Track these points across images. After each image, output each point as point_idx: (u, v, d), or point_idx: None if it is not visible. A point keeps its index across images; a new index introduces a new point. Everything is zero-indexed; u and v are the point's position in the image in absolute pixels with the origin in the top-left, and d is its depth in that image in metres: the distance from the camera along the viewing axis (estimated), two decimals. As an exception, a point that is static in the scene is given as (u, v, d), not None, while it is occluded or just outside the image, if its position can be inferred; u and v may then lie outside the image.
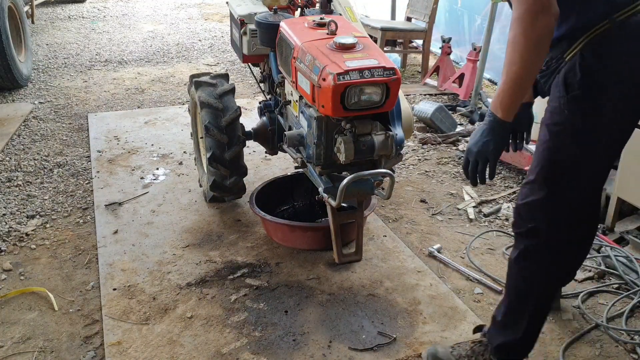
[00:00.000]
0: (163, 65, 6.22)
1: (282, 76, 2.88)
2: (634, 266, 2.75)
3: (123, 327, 2.42)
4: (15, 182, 3.68)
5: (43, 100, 5.15)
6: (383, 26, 5.77)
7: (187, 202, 3.45)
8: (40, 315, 2.52)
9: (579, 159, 1.75)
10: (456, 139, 4.41)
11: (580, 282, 2.75)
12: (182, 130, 4.45)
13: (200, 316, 2.49)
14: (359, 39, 2.46)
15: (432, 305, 2.57)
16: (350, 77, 2.24)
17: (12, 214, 3.31)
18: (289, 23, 2.71)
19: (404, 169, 3.96)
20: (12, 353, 2.31)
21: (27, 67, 5.60)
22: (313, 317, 2.49)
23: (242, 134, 3.13)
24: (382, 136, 2.42)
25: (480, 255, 2.97)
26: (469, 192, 3.61)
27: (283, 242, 3.00)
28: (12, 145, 4.23)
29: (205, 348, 2.31)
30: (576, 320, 2.50)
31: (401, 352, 2.30)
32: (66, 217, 3.30)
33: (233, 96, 3.16)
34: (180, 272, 2.80)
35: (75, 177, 3.77)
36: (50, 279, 2.77)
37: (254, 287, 2.68)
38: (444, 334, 2.39)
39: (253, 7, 3.24)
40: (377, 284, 2.71)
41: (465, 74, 5.25)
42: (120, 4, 9.16)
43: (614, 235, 3.05)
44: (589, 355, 2.31)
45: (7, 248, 2.99)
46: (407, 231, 3.19)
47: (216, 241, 3.05)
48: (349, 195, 2.47)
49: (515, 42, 1.59)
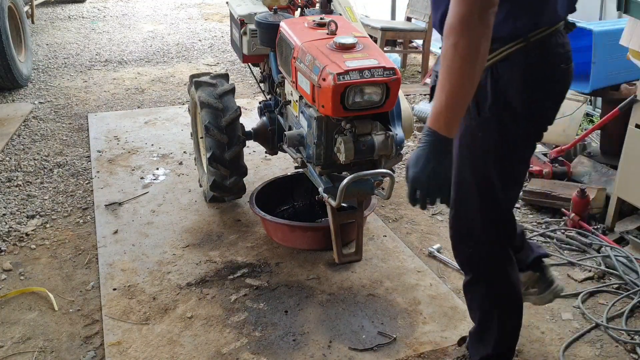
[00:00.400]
0: (163, 65, 6.22)
1: (282, 76, 2.88)
2: (634, 266, 2.75)
3: (123, 327, 2.42)
4: (15, 182, 3.68)
5: (43, 100, 5.15)
6: (383, 26, 5.77)
7: (187, 202, 3.45)
8: (40, 315, 2.52)
9: (490, 180, 1.73)
10: (456, 139, 4.40)
11: (580, 282, 2.75)
12: (182, 130, 4.45)
13: (200, 316, 2.49)
14: (359, 39, 2.46)
15: (432, 305, 2.57)
16: (350, 77, 2.24)
17: (12, 214, 3.31)
18: (289, 23, 2.71)
19: (404, 169, 3.96)
20: (12, 353, 2.31)
21: (27, 67, 5.60)
22: (313, 317, 2.49)
23: (242, 134, 3.13)
24: (382, 136, 2.42)
25: (480, 255, 2.97)
26: (469, 192, 3.60)
27: (283, 242, 3.00)
28: (12, 145, 4.23)
29: (205, 348, 2.31)
30: (576, 320, 2.50)
31: (401, 352, 2.30)
32: (66, 217, 3.30)
33: (233, 96, 3.16)
34: (180, 272, 2.80)
35: (75, 177, 3.77)
36: (50, 279, 2.77)
37: (254, 287, 2.68)
38: (444, 334, 2.39)
39: (253, 7, 3.24)
40: (377, 284, 2.71)
41: (465, 74, 5.24)
42: (120, 4, 9.15)
43: (614, 235, 3.05)
44: (589, 355, 2.31)
45: (7, 248, 2.99)
46: (407, 231, 3.19)
47: (216, 241, 3.05)
48: (349, 195, 2.46)
49: (458, 48, 1.43)
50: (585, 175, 3.50)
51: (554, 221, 3.26)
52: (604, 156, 3.62)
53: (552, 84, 1.65)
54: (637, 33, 2.78)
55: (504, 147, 1.69)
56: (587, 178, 3.48)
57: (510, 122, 1.65)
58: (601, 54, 3.30)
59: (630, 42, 2.83)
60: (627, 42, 2.85)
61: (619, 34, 2.93)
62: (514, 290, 1.92)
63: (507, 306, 1.93)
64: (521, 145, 1.72)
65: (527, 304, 2.16)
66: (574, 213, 3.12)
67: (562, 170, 3.54)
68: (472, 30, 1.41)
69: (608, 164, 3.47)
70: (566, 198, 3.22)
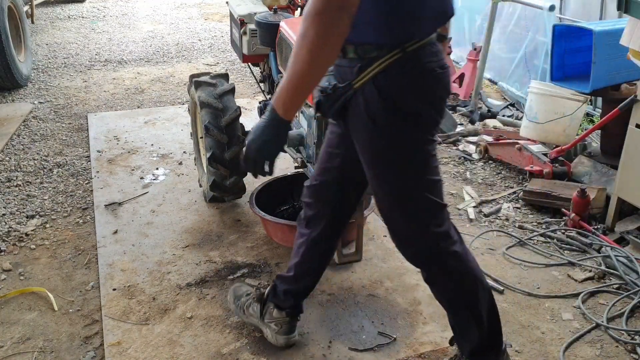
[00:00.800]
0: (163, 65, 6.22)
1: (282, 76, 2.88)
2: (634, 266, 2.75)
3: (123, 328, 2.42)
4: (15, 182, 3.68)
5: (43, 100, 5.14)
6: (383, 26, 5.76)
7: (187, 202, 3.45)
8: (40, 315, 2.52)
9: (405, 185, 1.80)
10: (456, 139, 4.40)
11: (580, 282, 2.75)
12: (182, 130, 4.44)
13: (200, 316, 2.49)
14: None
15: (432, 305, 2.56)
16: (350, 77, 2.23)
17: (12, 214, 3.31)
18: (289, 23, 2.71)
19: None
20: (12, 353, 2.31)
21: (26, 67, 5.59)
22: (313, 317, 2.49)
23: (242, 134, 3.13)
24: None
25: (481, 255, 2.97)
26: (469, 192, 3.60)
27: (283, 242, 3.00)
28: (11, 145, 4.23)
29: (205, 348, 2.31)
30: (576, 320, 2.50)
31: (401, 352, 2.30)
32: (66, 217, 3.30)
33: (233, 96, 3.15)
34: (180, 272, 2.79)
35: (75, 177, 3.77)
36: (50, 279, 2.76)
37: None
38: (444, 334, 2.39)
39: (253, 7, 3.24)
40: (377, 284, 2.71)
41: (465, 74, 5.25)
42: (120, 3, 9.15)
43: (614, 235, 3.04)
44: (589, 355, 2.31)
45: (7, 248, 2.99)
46: (407, 231, 3.18)
47: (216, 241, 3.05)
48: (349, 195, 2.46)
49: (307, 37, 1.51)
50: (586, 175, 3.50)
51: (554, 221, 3.26)
52: (604, 156, 3.62)
53: (431, 88, 1.73)
54: (637, 33, 2.78)
55: (406, 149, 1.77)
56: (587, 178, 3.48)
57: (404, 125, 1.73)
58: (601, 53, 3.30)
59: (630, 42, 2.83)
60: (627, 42, 2.85)
61: (619, 34, 2.93)
62: (469, 272, 1.93)
63: (470, 290, 1.93)
64: (421, 143, 1.78)
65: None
66: (574, 213, 3.12)
67: (563, 170, 3.54)
68: (322, 25, 1.48)
69: (608, 164, 3.47)
70: (566, 198, 3.22)
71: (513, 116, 4.83)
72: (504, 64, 5.54)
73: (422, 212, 1.84)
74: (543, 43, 4.88)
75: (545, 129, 3.75)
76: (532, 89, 3.84)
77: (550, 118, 3.70)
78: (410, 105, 1.71)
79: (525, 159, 3.71)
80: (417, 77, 1.70)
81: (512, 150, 3.82)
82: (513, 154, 3.82)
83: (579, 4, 4.65)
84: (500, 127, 4.66)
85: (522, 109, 4.68)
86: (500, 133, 4.25)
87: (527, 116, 3.85)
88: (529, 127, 3.85)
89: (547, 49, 4.52)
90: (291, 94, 1.60)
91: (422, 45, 1.68)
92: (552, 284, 2.75)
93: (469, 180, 3.81)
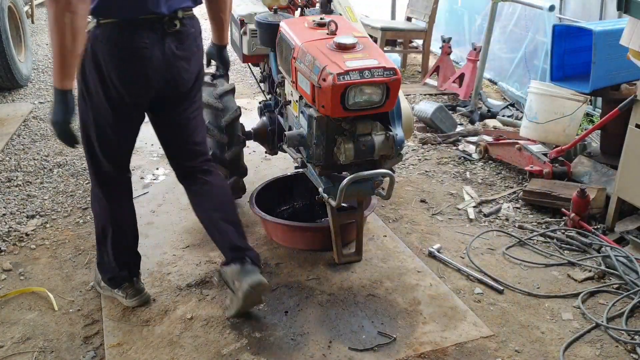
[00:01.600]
0: (163, 65, 6.21)
1: (282, 76, 2.88)
2: (634, 266, 2.75)
3: (123, 329, 2.42)
4: (15, 182, 3.68)
5: (43, 100, 5.15)
6: (383, 26, 5.77)
7: (187, 202, 3.40)
8: (40, 315, 2.52)
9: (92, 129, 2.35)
10: (456, 139, 4.41)
11: (580, 282, 2.75)
12: (182, 130, 4.44)
13: (201, 317, 2.49)
14: (359, 39, 2.46)
15: (432, 305, 2.57)
16: (350, 77, 2.23)
17: (12, 214, 3.31)
18: (289, 23, 2.70)
19: (404, 169, 3.96)
20: (12, 353, 2.31)
21: (27, 67, 5.60)
22: (313, 318, 2.49)
23: (242, 134, 3.13)
24: (382, 136, 2.42)
25: (480, 255, 2.97)
26: (469, 192, 3.61)
27: (283, 242, 3.00)
28: (12, 145, 4.23)
29: (205, 349, 2.31)
30: (576, 320, 2.50)
31: (401, 352, 2.30)
32: (66, 217, 3.30)
33: (233, 96, 3.15)
34: (180, 272, 2.79)
35: (75, 177, 3.77)
36: (50, 279, 2.76)
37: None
38: (444, 334, 2.39)
39: (253, 7, 3.24)
40: (377, 284, 2.71)
41: (465, 74, 5.25)
42: (120, 3, 9.15)
43: (614, 235, 3.05)
44: (589, 355, 2.31)
45: (7, 248, 2.99)
46: (407, 231, 3.19)
47: (216, 241, 3.05)
48: (349, 195, 2.46)
49: (49, 18, 1.88)
50: (586, 175, 3.50)
51: (554, 221, 3.26)
52: (604, 156, 3.62)
53: (127, 63, 2.12)
54: (637, 33, 2.78)
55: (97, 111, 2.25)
56: (587, 178, 3.49)
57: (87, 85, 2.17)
58: (601, 54, 3.30)
59: (630, 42, 2.83)
60: (627, 42, 2.85)
61: (619, 34, 2.93)
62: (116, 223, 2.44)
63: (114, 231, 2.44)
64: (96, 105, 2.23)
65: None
66: (574, 213, 3.12)
67: (562, 170, 3.54)
68: (56, 6, 1.84)
69: (608, 164, 3.47)
70: (566, 198, 3.22)
71: (513, 116, 4.83)
72: (504, 64, 5.55)
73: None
74: (543, 43, 4.89)
75: (545, 129, 3.75)
76: (532, 89, 3.84)
77: (550, 118, 3.70)
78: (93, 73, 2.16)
79: (525, 159, 3.71)
80: (104, 52, 2.09)
81: (512, 150, 3.82)
82: (513, 154, 3.82)
83: (578, 4, 4.65)
84: (500, 127, 4.66)
85: (522, 109, 4.68)
86: (500, 133, 4.26)
87: (527, 116, 3.85)
88: (528, 127, 3.85)
89: (547, 49, 4.53)
90: (56, 66, 1.92)
91: (111, 22, 2.05)
92: (552, 283, 2.75)
93: (469, 180, 3.81)
